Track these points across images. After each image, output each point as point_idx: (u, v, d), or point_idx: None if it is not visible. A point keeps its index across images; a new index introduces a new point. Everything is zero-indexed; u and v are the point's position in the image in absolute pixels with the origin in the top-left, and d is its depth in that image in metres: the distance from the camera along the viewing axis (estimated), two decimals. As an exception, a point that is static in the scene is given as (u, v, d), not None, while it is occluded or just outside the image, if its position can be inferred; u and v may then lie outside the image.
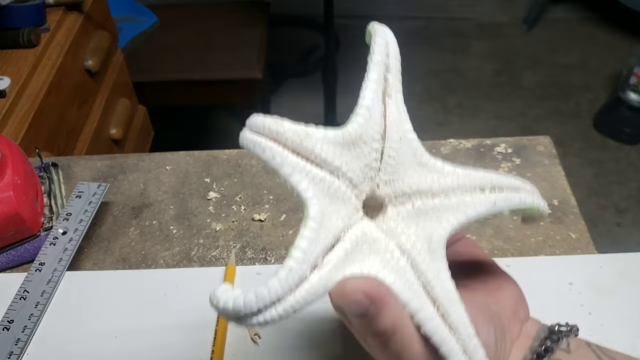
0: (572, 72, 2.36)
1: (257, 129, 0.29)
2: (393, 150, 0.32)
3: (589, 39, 2.51)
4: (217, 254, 0.59)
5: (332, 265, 0.28)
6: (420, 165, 0.32)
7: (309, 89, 2.30)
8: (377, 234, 0.31)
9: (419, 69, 2.39)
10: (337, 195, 0.30)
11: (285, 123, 0.30)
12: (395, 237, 0.31)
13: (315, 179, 0.29)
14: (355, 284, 0.28)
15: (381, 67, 0.32)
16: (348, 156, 0.30)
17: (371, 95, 0.32)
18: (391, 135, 0.32)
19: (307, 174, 0.29)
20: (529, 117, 2.17)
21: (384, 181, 0.32)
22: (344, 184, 0.30)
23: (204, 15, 1.81)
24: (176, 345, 0.51)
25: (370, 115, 0.31)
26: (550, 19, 2.62)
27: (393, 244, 0.30)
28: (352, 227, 0.30)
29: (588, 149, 2.04)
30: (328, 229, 0.29)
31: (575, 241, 0.59)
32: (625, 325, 0.50)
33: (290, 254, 0.27)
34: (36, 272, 0.56)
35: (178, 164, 0.69)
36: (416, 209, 0.31)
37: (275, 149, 0.29)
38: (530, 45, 2.50)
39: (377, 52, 0.33)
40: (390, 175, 0.32)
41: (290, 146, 0.29)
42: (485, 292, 0.35)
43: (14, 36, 0.99)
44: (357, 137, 0.31)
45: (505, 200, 0.32)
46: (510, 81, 2.33)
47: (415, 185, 0.32)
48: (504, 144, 0.69)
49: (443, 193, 0.32)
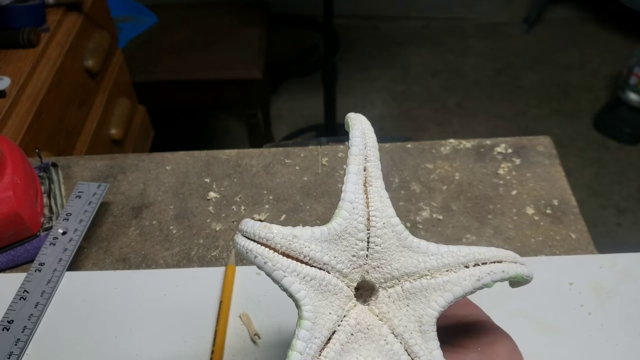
0: (572, 72, 2.36)
1: (248, 235, 0.32)
2: (378, 237, 0.33)
3: (589, 39, 2.51)
4: (217, 254, 0.59)
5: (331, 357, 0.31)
6: (405, 248, 0.34)
7: (308, 88, 2.30)
8: (370, 319, 0.33)
9: (418, 69, 2.40)
10: (329, 289, 0.32)
11: (274, 228, 0.31)
12: (388, 320, 0.33)
13: (307, 277, 0.31)
14: None
15: (360, 159, 0.34)
16: (336, 250, 0.33)
17: (352, 188, 0.33)
18: (375, 223, 0.33)
19: (297, 274, 0.31)
20: (529, 117, 2.17)
21: (373, 267, 0.34)
22: (334, 277, 0.32)
23: (203, 15, 1.80)
24: (176, 345, 0.51)
25: (353, 208, 0.33)
26: (551, 19, 2.62)
27: (386, 329, 0.33)
28: (347, 316, 0.32)
29: (588, 149, 2.04)
30: (322, 325, 0.31)
31: (575, 241, 0.59)
32: (625, 326, 0.50)
33: (288, 356, 0.29)
34: (36, 272, 0.56)
35: (178, 164, 0.69)
36: (405, 290, 0.33)
37: (267, 254, 0.31)
38: (530, 45, 2.50)
39: (354, 144, 0.34)
40: (377, 260, 0.34)
41: (279, 250, 0.31)
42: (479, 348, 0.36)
43: (14, 36, 0.99)
44: (342, 230, 0.33)
45: (489, 274, 0.33)
46: (510, 81, 2.33)
47: (402, 268, 0.33)
48: (504, 144, 0.69)
49: (429, 273, 0.33)
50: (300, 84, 2.34)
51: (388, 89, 2.31)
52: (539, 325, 0.51)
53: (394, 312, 0.33)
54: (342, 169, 0.67)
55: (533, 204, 0.62)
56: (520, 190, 0.64)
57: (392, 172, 0.66)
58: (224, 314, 0.52)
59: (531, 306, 0.52)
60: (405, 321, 0.32)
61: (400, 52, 2.49)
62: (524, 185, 0.64)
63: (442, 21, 2.65)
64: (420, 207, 0.62)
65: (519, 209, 0.62)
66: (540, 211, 0.62)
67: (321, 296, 0.31)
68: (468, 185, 0.65)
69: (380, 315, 0.33)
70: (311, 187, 0.66)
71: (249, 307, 0.54)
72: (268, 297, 0.54)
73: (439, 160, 0.68)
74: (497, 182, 0.65)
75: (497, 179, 0.65)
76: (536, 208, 0.62)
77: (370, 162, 0.34)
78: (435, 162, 0.67)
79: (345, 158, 0.68)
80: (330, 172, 0.67)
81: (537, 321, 0.51)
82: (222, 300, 0.53)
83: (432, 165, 0.67)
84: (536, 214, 0.61)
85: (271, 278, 0.31)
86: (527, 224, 0.61)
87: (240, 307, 0.54)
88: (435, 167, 0.67)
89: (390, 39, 2.57)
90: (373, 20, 2.67)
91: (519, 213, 0.62)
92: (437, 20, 2.66)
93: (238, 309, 0.53)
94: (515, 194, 0.64)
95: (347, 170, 0.34)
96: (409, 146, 0.69)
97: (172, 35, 1.72)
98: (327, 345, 0.31)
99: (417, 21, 2.66)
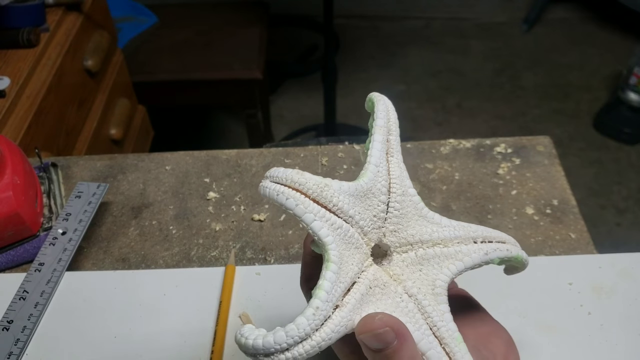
0: (572, 72, 2.36)
1: (279, 180, 0.32)
2: (397, 203, 0.35)
3: (589, 39, 2.51)
4: (217, 254, 0.59)
5: (352, 305, 0.31)
6: (421, 217, 0.36)
7: (308, 89, 2.30)
8: (386, 278, 0.34)
9: (418, 69, 2.40)
10: (352, 241, 0.33)
11: (307, 174, 0.33)
12: (401, 282, 0.34)
13: (334, 225, 0.32)
14: (384, 319, 0.30)
15: (384, 130, 0.36)
16: (360, 206, 0.34)
17: (378, 154, 0.35)
18: (395, 189, 0.35)
19: (326, 220, 0.32)
20: (529, 117, 2.17)
21: (390, 231, 0.35)
22: (357, 231, 0.34)
23: (203, 15, 1.80)
24: (176, 345, 0.51)
25: (378, 171, 0.35)
26: (550, 19, 2.62)
27: (401, 288, 0.34)
28: (365, 272, 0.33)
29: (588, 149, 2.04)
30: (346, 272, 0.32)
31: (575, 241, 0.59)
32: (625, 326, 0.50)
33: (315, 294, 0.31)
34: (35, 272, 0.56)
35: (177, 164, 0.69)
36: (419, 257, 0.35)
37: (298, 197, 0.32)
38: (530, 45, 2.50)
39: (379, 117, 0.37)
40: (395, 225, 0.35)
41: (310, 195, 0.32)
42: (476, 337, 0.37)
43: (13, 36, 0.99)
44: (368, 189, 0.34)
45: (495, 251, 0.36)
46: (510, 81, 2.33)
47: (418, 235, 0.35)
48: (504, 144, 0.69)
49: (442, 243, 0.35)
50: (300, 84, 2.34)
51: (388, 88, 2.30)
52: (538, 325, 0.51)
53: (408, 275, 0.34)
54: (342, 169, 0.67)
55: (533, 204, 0.62)
56: (520, 190, 0.64)
57: (392, 172, 0.66)
58: (224, 313, 0.52)
59: (531, 306, 0.52)
60: (418, 283, 0.34)
61: (400, 52, 2.49)
62: (523, 185, 0.64)
63: (442, 21, 2.65)
64: (420, 207, 0.62)
65: (519, 208, 0.62)
66: (540, 211, 0.62)
67: (345, 246, 0.32)
68: (468, 185, 0.65)
69: (393, 277, 0.34)
70: (311, 187, 0.66)
71: (248, 307, 0.54)
72: (267, 297, 0.54)
73: (439, 160, 0.68)
74: (496, 182, 0.65)
75: (496, 178, 0.65)
76: (536, 208, 0.62)
77: (392, 136, 0.36)
78: (435, 162, 0.67)
79: (345, 158, 0.68)
80: (330, 171, 0.67)
81: (537, 321, 0.51)
82: (222, 300, 0.53)
83: (431, 165, 0.67)
84: (536, 213, 0.61)
85: (301, 221, 0.32)
86: (527, 223, 0.61)
87: (240, 307, 0.54)
88: (435, 167, 0.67)
89: (390, 39, 2.57)
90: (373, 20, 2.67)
91: (518, 213, 0.62)
92: (437, 20, 2.66)
93: (238, 309, 0.53)
94: (515, 194, 0.64)
95: (372, 139, 0.36)
96: (408, 146, 0.69)
97: (172, 35, 1.72)
98: (348, 293, 0.32)
99: (417, 21, 2.66)
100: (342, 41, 2.53)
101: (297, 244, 0.60)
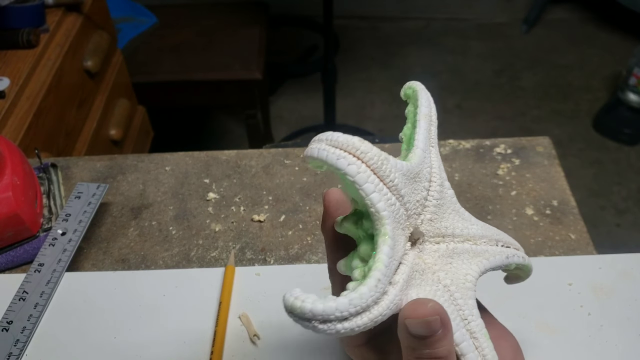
0: (572, 72, 2.36)
1: (338, 144, 0.30)
2: (437, 193, 0.34)
3: (589, 40, 2.51)
4: (217, 255, 0.59)
5: (400, 285, 0.30)
6: (454, 212, 0.35)
7: (308, 89, 2.30)
8: (423, 265, 0.33)
9: (418, 70, 2.40)
10: (400, 221, 0.31)
11: (367, 142, 0.30)
12: (434, 272, 0.33)
13: (389, 201, 0.31)
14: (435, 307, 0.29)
15: (428, 118, 0.36)
16: (409, 188, 0.32)
17: (424, 140, 0.35)
18: (435, 179, 0.34)
19: (384, 194, 0.30)
20: (529, 118, 2.17)
21: (427, 219, 0.34)
22: (404, 213, 0.32)
23: (203, 15, 1.81)
24: (175, 346, 0.51)
25: (424, 157, 0.34)
26: (550, 20, 2.62)
27: (436, 277, 0.33)
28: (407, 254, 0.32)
29: (587, 149, 2.04)
30: (397, 251, 0.31)
31: (575, 242, 0.59)
32: (625, 326, 0.50)
33: (373, 266, 0.29)
34: (35, 273, 0.56)
35: (177, 165, 0.69)
36: (450, 249, 0.34)
37: (360, 165, 0.30)
38: (530, 46, 2.50)
39: (423, 105, 0.36)
40: (432, 214, 0.34)
41: (371, 166, 0.30)
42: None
43: (13, 37, 0.99)
44: (417, 173, 0.33)
45: (514, 256, 0.37)
46: (509, 82, 2.33)
47: (451, 228, 0.35)
48: (504, 144, 0.69)
49: (472, 240, 0.35)
50: (300, 84, 2.34)
51: (388, 89, 2.31)
52: (538, 326, 0.51)
53: (440, 266, 0.33)
54: (341, 170, 0.67)
55: (532, 205, 0.62)
56: (519, 190, 0.64)
57: (392, 173, 0.66)
58: (224, 314, 0.52)
59: (530, 307, 0.52)
60: (450, 275, 0.33)
61: (399, 53, 2.49)
62: (523, 186, 0.64)
63: (442, 22, 2.65)
64: (419, 207, 0.62)
65: (519, 209, 0.62)
66: (539, 212, 0.62)
67: (396, 225, 0.31)
68: (467, 186, 0.65)
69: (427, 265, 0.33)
70: (311, 187, 0.66)
71: (248, 307, 0.53)
72: (267, 298, 0.54)
73: (439, 160, 0.68)
74: (496, 183, 0.65)
75: (496, 179, 0.65)
76: (535, 208, 0.62)
77: (432, 126, 0.36)
78: (434, 162, 0.67)
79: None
80: (330, 173, 0.67)
81: (537, 321, 0.51)
82: (222, 300, 0.53)
83: (431, 165, 0.67)
84: (535, 214, 0.61)
85: (360, 190, 0.30)
86: (527, 224, 0.61)
87: (240, 307, 0.54)
88: (435, 168, 0.67)
89: (389, 39, 2.57)
90: (373, 20, 2.67)
91: (518, 213, 0.62)
92: (437, 21, 2.66)
93: (237, 310, 0.53)
94: (515, 195, 0.64)
95: (418, 125, 0.35)
96: (408, 147, 0.69)
97: (172, 36, 1.72)
98: (397, 273, 0.31)
99: (417, 22, 2.66)
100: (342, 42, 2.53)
101: (296, 245, 0.60)
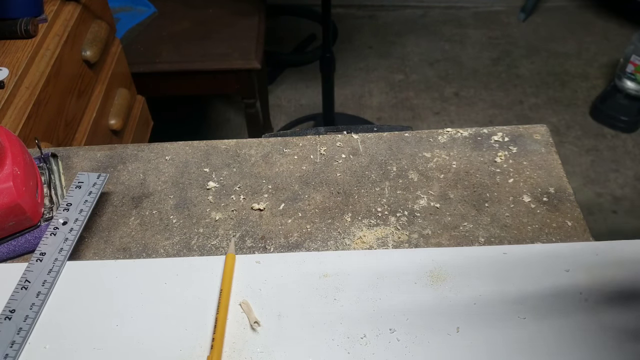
0: (569, 60, 2.36)
1: None
2: None
3: (586, 27, 2.51)
4: (217, 243, 0.60)
5: None
6: None
7: (306, 78, 2.30)
8: None
9: (416, 58, 2.39)
10: None
11: None
12: None
13: None
14: None
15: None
16: None
17: None
18: None
19: None
20: (526, 106, 2.17)
21: None
22: None
23: (201, 5, 1.80)
24: (177, 333, 0.51)
25: None
26: (547, 7, 2.62)
27: None
28: None
29: (584, 137, 2.05)
30: None
31: (572, 229, 0.59)
32: (621, 313, 0.51)
33: None
34: (37, 262, 0.56)
35: (177, 154, 0.70)
36: None
37: None
38: (528, 34, 2.50)
39: None
40: None
41: None
42: None
43: (11, 27, 0.98)
44: None
45: None
46: (507, 70, 2.33)
47: None
48: (501, 132, 0.70)
49: None
50: (299, 73, 2.34)
51: (386, 78, 2.31)
52: (535, 312, 0.51)
53: None
54: (340, 158, 0.67)
55: (530, 192, 0.63)
56: (517, 178, 0.64)
57: (390, 161, 0.66)
58: (224, 302, 0.53)
59: (528, 293, 0.53)
60: None
61: (398, 42, 2.49)
62: (520, 174, 0.65)
63: (440, 10, 2.65)
64: (418, 195, 0.63)
65: (516, 197, 0.63)
66: (536, 199, 0.62)
67: None
68: (465, 174, 0.65)
69: None
70: (310, 176, 0.66)
71: (249, 295, 0.54)
72: (268, 285, 0.55)
73: (437, 149, 0.68)
74: (494, 171, 0.65)
75: (494, 167, 0.66)
76: (533, 196, 0.62)
77: None
78: (432, 150, 0.68)
79: (343, 147, 0.68)
80: (329, 161, 0.67)
81: (534, 308, 0.51)
82: (222, 288, 0.54)
83: (429, 154, 0.68)
84: (533, 201, 0.62)
85: None
86: (524, 211, 0.61)
87: (240, 295, 0.54)
88: (433, 156, 0.67)
89: (388, 28, 2.57)
90: (371, 9, 2.66)
91: (515, 201, 0.62)
92: (435, 9, 2.66)
93: (238, 297, 0.54)
94: (512, 182, 0.64)
95: None
96: (406, 135, 0.70)
97: (171, 25, 1.72)
98: None
99: (415, 10, 2.65)
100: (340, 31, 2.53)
101: (296, 233, 0.60)
